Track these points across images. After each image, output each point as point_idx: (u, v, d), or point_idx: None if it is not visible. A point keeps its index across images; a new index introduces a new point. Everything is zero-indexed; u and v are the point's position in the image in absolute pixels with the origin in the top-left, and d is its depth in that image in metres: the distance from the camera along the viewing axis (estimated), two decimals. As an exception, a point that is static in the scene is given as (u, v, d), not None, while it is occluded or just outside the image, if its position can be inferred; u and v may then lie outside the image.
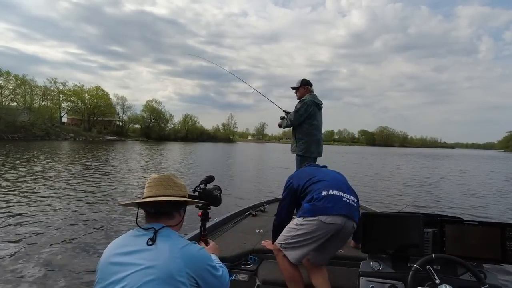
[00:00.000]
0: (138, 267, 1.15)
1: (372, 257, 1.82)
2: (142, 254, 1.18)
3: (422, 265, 1.48)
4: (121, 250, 1.22)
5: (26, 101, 56.40)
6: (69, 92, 69.40)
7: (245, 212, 4.25)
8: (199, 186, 1.84)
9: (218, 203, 1.85)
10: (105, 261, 1.22)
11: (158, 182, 1.37)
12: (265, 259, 2.77)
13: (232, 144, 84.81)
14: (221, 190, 1.91)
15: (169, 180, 1.40)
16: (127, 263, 1.17)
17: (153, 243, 1.21)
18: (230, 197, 9.04)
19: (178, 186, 1.41)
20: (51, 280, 3.67)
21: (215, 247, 1.75)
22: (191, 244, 1.28)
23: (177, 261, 1.17)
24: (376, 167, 23.70)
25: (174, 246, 1.22)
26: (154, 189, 1.36)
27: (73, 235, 5.24)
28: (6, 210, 6.66)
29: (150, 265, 1.15)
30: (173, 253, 1.19)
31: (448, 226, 1.73)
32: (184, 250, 1.22)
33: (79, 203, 7.59)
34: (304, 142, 4.23)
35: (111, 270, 1.18)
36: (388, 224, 1.83)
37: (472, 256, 1.65)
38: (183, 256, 1.20)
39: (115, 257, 1.21)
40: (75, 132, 60.10)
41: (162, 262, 1.16)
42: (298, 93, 4.39)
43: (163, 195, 1.33)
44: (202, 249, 1.31)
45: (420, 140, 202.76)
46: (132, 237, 1.27)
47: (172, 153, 31.83)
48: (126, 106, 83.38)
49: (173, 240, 1.25)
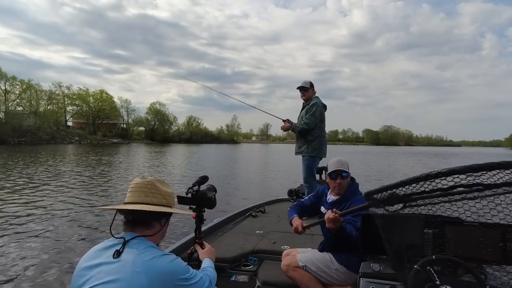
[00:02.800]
0: (98, 281, 1.08)
1: (372, 258, 1.81)
2: (105, 267, 1.11)
3: (423, 266, 1.46)
4: (88, 263, 1.15)
5: (32, 106, 56.92)
6: (74, 96, 70.13)
7: (245, 213, 4.27)
8: (192, 187, 1.76)
9: (213, 205, 1.76)
10: (75, 274, 1.17)
11: (139, 188, 1.28)
12: (265, 260, 2.78)
13: (236, 146, 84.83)
14: (216, 191, 1.83)
15: (152, 187, 1.29)
16: (89, 276, 1.11)
17: (119, 256, 1.12)
18: (230, 198, 9.04)
19: (162, 193, 1.31)
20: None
21: (210, 251, 1.69)
22: (160, 256, 1.16)
23: (139, 276, 1.06)
24: (377, 167, 23.50)
25: (138, 259, 1.11)
26: (135, 195, 1.27)
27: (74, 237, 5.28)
28: (15, 213, 6.73)
29: (110, 279, 1.07)
30: (136, 266, 1.09)
31: (449, 227, 1.71)
32: (149, 263, 1.11)
33: (81, 206, 7.63)
34: (317, 143, 4.29)
35: (78, 283, 1.12)
36: (388, 225, 1.82)
37: (473, 257, 1.63)
38: (147, 270, 1.08)
39: (83, 270, 1.14)
40: (80, 135, 60.52)
41: (123, 276, 1.06)
42: (306, 94, 4.37)
43: (141, 203, 1.25)
44: (173, 261, 1.19)
45: (426, 138, 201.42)
46: (101, 249, 1.19)
47: (176, 155, 31.92)
48: (130, 109, 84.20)
49: (140, 252, 1.14)
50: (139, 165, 19.48)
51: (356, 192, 2.26)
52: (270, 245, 3.02)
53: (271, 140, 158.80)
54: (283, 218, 4.16)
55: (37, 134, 48.82)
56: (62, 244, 4.99)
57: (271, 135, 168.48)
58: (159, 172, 16.43)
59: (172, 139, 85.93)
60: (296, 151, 4.50)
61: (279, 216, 4.25)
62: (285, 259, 2.27)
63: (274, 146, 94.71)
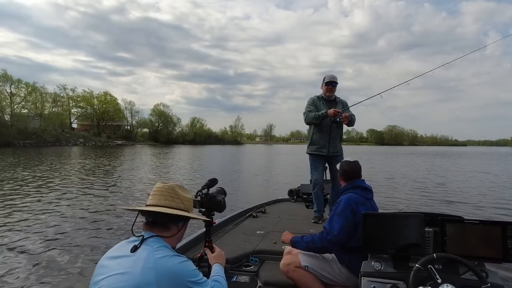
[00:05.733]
0: (114, 271, 1.16)
1: (373, 257, 1.81)
2: (122, 260, 1.19)
3: (424, 265, 1.47)
4: (110, 254, 1.26)
5: (37, 108, 57.37)
6: (78, 98, 70.57)
7: (245, 214, 4.28)
8: (201, 191, 1.74)
9: (222, 208, 1.76)
10: (99, 262, 1.26)
11: (160, 192, 1.35)
12: (266, 260, 2.77)
13: (240, 147, 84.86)
14: (226, 194, 1.82)
15: (172, 191, 1.36)
16: (108, 266, 1.20)
17: (135, 251, 1.20)
18: (230, 198, 9.06)
19: (181, 198, 1.37)
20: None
21: (220, 255, 1.66)
22: (172, 256, 1.22)
23: (149, 272, 1.13)
24: (378, 169, 23.37)
25: (151, 256, 1.18)
26: (156, 198, 1.35)
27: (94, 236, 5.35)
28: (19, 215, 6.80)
29: (124, 271, 1.15)
30: (148, 262, 1.15)
31: (449, 225, 1.71)
32: (160, 261, 1.17)
33: (98, 207, 7.71)
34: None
35: (98, 271, 1.22)
36: (389, 224, 1.82)
37: (474, 255, 1.63)
38: (157, 267, 1.15)
39: (104, 261, 1.24)
40: (85, 137, 60.95)
41: (135, 270, 1.14)
42: (335, 90, 4.12)
43: (160, 205, 1.32)
44: (183, 263, 1.23)
45: (431, 138, 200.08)
46: (124, 244, 1.28)
47: (180, 156, 32.02)
48: (134, 110, 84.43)
49: (154, 249, 1.20)
50: (147, 167, 19.58)
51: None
52: (271, 245, 3.01)
53: (274, 141, 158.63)
54: (284, 218, 4.16)
55: (42, 136, 49.23)
56: (87, 241, 5.19)
57: (275, 136, 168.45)
58: (166, 174, 16.51)
59: (176, 140, 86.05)
60: (332, 152, 4.01)
61: (279, 216, 4.25)
62: (285, 259, 2.24)
63: (278, 146, 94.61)
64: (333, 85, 4.07)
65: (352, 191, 2.19)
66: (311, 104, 4.10)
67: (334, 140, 4.04)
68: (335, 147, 4.05)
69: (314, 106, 4.07)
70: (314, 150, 4.05)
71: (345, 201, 2.10)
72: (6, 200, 8.27)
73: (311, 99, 4.16)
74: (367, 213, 1.88)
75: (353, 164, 2.35)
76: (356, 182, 2.26)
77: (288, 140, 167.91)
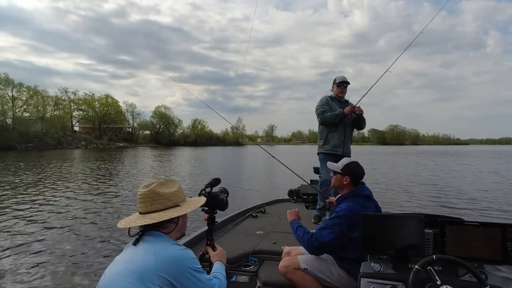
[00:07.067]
0: (119, 262, 1.25)
1: (373, 258, 1.81)
2: (128, 252, 1.28)
3: (423, 266, 1.47)
4: (122, 252, 1.34)
5: (39, 111, 57.71)
6: (80, 101, 70.95)
7: (245, 214, 4.28)
8: (204, 189, 1.78)
9: (225, 207, 1.80)
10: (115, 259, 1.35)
11: (143, 199, 1.34)
12: (265, 261, 2.78)
13: (241, 148, 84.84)
14: (228, 193, 1.86)
15: (154, 194, 1.33)
16: (116, 260, 1.29)
17: (137, 243, 1.27)
18: (231, 198, 9.04)
19: (165, 197, 1.34)
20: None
21: (222, 253, 1.68)
22: (172, 244, 1.26)
23: (149, 257, 1.17)
24: (380, 170, 23.33)
25: (151, 245, 1.23)
26: (142, 205, 1.34)
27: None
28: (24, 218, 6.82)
29: (127, 259, 1.22)
30: (148, 249, 1.21)
31: (449, 227, 1.70)
32: (160, 247, 1.22)
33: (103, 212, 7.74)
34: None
35: (109, 266, 1.30)
36: (388, 225, 1.82)
37: (473, 257, 1.62)
38: (157, 253, 1.19)
39: (115, 258, 1.32)
40: (87, 140, 61.14)
41: (137, 257, 1.20)
42: (346, 90, 4.12)
43: (149, 212, 1.32)
44: (183, 250, 1.27)
45: (433, 137, 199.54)
46: (131, 243, 1.33)
47: (182, 159, 32.05)
48: (135, 113, 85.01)
49: (154, 239, 1.27)
50: (148, 169, 19.63)
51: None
52: (271, 245, 3.02)
53: (276, 142, 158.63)
54: (284, 218, 4.14)
55: (44, 140, 49.44)
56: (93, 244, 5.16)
57: (276, 137, 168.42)
58: (168, 176, 16.53)
59: (178, 142, 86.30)
60: (346, 152, 3.99)
61: (279, 216, 4.25)
62: (284, 260, 2.24)
63: (280, 147, 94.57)
64: (344, 86, 4.07)
65: (353, 200, 2.11)
66: (325, 104, 4.02)
67: (348, 140, 4.06)
68: (348, 147, 4.07)
69: (328, 106, 4.01)
70: (329, 149, 3.97)
71: (344, 213, 2.03)
72: (8, 203, 8.30)
73: (324, 99, 4.08)
74: (367, 214, 1.87)
75: (361, 167, 2.28)
76: (358, 190, 2.18)
77: (289, 140, 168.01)
